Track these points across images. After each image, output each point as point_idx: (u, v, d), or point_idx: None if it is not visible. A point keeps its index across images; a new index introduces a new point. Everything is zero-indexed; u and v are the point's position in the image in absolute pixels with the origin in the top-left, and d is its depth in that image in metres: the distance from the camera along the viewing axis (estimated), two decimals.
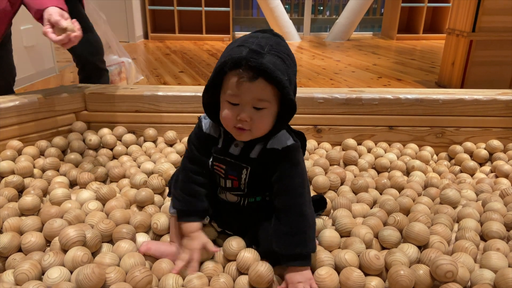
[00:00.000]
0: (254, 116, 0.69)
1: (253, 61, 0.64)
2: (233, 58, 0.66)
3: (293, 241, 0.74)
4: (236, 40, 0.71)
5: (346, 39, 5.03)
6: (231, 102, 0.70)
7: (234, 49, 0.68)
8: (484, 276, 0.78)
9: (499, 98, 1.39)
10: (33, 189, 1.05)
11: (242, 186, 0.81)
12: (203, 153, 0.82)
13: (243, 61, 0.65)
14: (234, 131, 0.73)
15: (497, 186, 1.14)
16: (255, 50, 0.66)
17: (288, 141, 0.76)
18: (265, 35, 0.70)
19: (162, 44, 4.57)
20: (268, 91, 0.68)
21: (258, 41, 0.68)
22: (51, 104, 1.33)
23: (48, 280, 0.76)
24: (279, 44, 0.70)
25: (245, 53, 0.66)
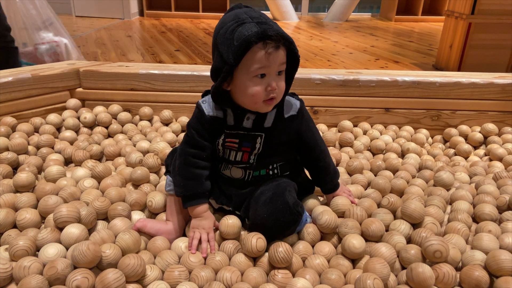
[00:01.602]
0: (277, 81, 0.74)
1: (271, 30, 0.69)
2: (256, 33, 0.68)
3: (329, 177, 0.91)
4: (226, 21, 0.73)
5: (344, 20, 4.98)
6: (260, 74, 0.72)
7: (239, 29, 0.70)
8: (475, 257, 0.79)
9: (496, 82, 1.39)
10: (28, 166, 1.04)
11: (252, 158, 0.83)
12: (206, 138, 0.82)
13: (267, 32, 0.69)
14: (262, 105, 0.75)
15: (490, 169, 1.15)
16: (261, 22, 0.70)
17: (296, 103, 0.84)
18: (245, 9, 0.75)
19: (158, 22, 4.50)
20: (284, 54, 0.74)
21: (250, 14, 0.72)
22: (45, 81, 1.32)
23: (44, 257, 0.76)
24: (262, 13, 0.76)
25: (260, 27, 0.69)
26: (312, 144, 0.87)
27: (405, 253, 0.79)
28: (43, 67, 1.38)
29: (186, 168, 0.82)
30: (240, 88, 0.75)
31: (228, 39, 0.71)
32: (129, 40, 3.51)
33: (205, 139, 0.82)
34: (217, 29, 0.75)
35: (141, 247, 0.84)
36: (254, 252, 0.78)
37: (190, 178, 0.82)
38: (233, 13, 0.74)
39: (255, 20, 0.71)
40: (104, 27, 4.04)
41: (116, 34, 3.72)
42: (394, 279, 0.77)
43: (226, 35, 0.71)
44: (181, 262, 0.79)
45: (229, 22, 0.72)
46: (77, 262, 0.73)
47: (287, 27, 4.51)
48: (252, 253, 0.78)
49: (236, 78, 0.74)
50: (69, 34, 2.50)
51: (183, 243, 0.84)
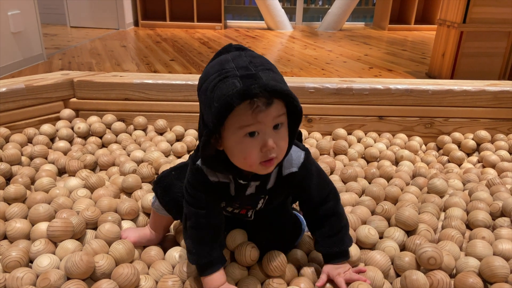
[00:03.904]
0: (275, 138, 0.61)
1: (257, 86, 0.57)
2: (238, 92, 0.56)
3: (331, 242, 0.75)
4: (209, 73, 0.61)
5: (338, 29, 5.02)
6: (250, 133, 0.60)
7: (221, 85, 0.58)
8: (469, 264, 0.79)
9: (487, 89, 1.40)
10: (21, 176, 1.04)
11: (251, 212, 0.77)
12: (213, 199, 0.72)
13: (251, 90, 0.57)
14: (260, 168, 0.63)
15: (483, 176, 1.16)
16: (246, 75, 0.58)
17: (299, 155, 0.72)
18: (233, 54, 0.62)
19: (153, 32, 4.52)
20: (281, 106, 0.61)
21: (237, 63, 0.60)
22: (38, 92, 1.31)
23: (38, 268, 0.76)
24: (255, 57, 0.62)
25: (243, 83, 0.57)
26: (312, 200, 0.75)
27: (399, 261, 0.79)
28: (37, 77, 1.38)
29: (200, 232, 0.72)
30: (231, 150, 0.63)
31: (208, 98, 0.59)
32: (124, 50, 3.51)
33: (213, 200, 0.73)
34: (200, 81, 0.63)
35: (135, 257, 0.83)
36: (247, 262, 0.77)
37: (206, 243, 0.72)
38: (218, 61, 0.62)
39: (240, 71, 0.58)
40: (99, 38, 4.05)
41: (111, 44, 3.72)
42: (389, 287, 0.77)
43: (207, 93, 0.60)
44: (175, 272, 0.79)
45: (212, 75, 0.60)
46: (71, 273, 0.72)
47: (281, 36, 4.55)
48: (245, 262, 0.78)
49: (224, 138, 0.63)
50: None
51: (177, 253, 0.83)
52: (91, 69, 2.82)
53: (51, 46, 3.48)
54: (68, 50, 3.42)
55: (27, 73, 2.59)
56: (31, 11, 2.76)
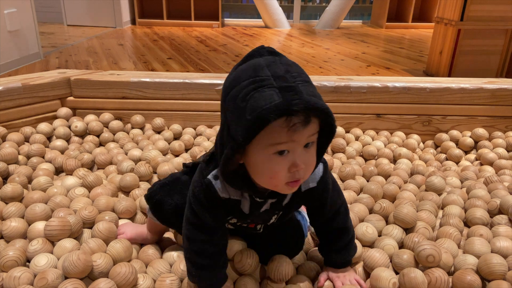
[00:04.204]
0: (305, 157, 0.57)
1: (299, 102, 0.51)
2: (276, 107, 0.50)
3: (337, 252, 0.75)
4: (240, 78, 0.54)
5: (335, 27, 5.02)
6: (280, 151, 0.55)
7: (256, 95, 0.51)
8: (467, 261, 0.79)
9: (485, 87, 1.41)
10: (18, 176, 1.03)
11: (260, 226, 0.74)
12: (218, 219, 0.68)
13: (292, 106, 0.50)
14: (284, 188, 0.58)
15: (481, 174, 1.16)
16: (286, 87, 0.52)
17: (319, 169, 0.68)
18: (267, 59, 0.55)
19: (150, 30, 4.51)
20: (317, 124, 0.56)
21: (274, 70, 0.53)
22: (35, 90, 1.31)
23: (35, 267, 0.75)
24: (291, 65, 0.55)
25: (283, 96, 0.51)
26: (326, 215, 0.73)
27: (397, 258, 0.79)
28: (34, 76, 1.37)
29: (198, 257, 0.68)
30: (255, 167, 0.57)
31: (239, 107, 0.52)
32: (121, 48, 3.50)
33: (218, 220, 0.68)
34: (228, 85, 0.56)
35: (133, 256, 0.83)
36: (248, 271, 0.77)
37: (205, 267, 0.68)
38: (251, 65, 0.55)
39: (278, 81, 0.52)
40: (96, 36, 4.04)
41: (108, 43, 3.71)
42: None
43: (237, 101, 0.53)
44: (173, 270, 0.79)
45: (244, 81, 0.53)
46: (68, 273, 0.72)
47: (279, 34, 4.54)
48: (246, 271, 0.77)
49: (249, 152, 0.56)
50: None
51: (175, 252, 0.83)
52: (88, 67, 2.82)
53: (47, 45, 3.47)
54: (65, 48, 3.41)
55: (23, 72, 2.58)
56: (28, 9, 2.75)
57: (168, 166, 1.10)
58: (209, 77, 1.42)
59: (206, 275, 0.69)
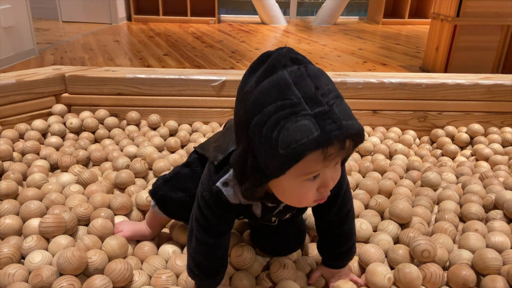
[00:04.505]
0: (333, 174, 0.54)
1: (339, 131, 0.47)
2: (315, 141, 0.46)
3: (339, 254, 0.74)
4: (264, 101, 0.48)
5: (332, 23, 5.01)
6: (313, 177, 0.52)
7: (289, 127, 0.46)
8: (462, 256, 0.80)
9: (481, 83, 1.41)
10: (13, 172, 1.03)
11: (274, 219, 0.73)
12: (228, 222, 0.68)
13: (332, 138, 0.46)
14: (310, 204, 0.57)
15: (477, 169, 1.17)
16: (321, 113, 0.46)
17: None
18: (292, 73, 0.48)
19: (146, 27, 4.49)
20: (350, 143, 0.51)
21: (301, 91, 0.47)
22: (30, 87, 1.30)
23: (30, 264, 0.75)
24: (318, 77, 0.49)
25: (321, 126, 0.46)
26: (335, 217, 0.71)
27: (393, 254, 0.79)
28: (28, 72, 1.36)
29: (208, 262, 0.67)
30: (283, 191, 0.55)
31: (268, 138, 0.47)
32: (116, 45, 3.49)
33: (226, 224, 0.67)
34: (250, 107, 0.49)
35: (128, 252, 0.83)
36: (247, 265, 0.78)
37: (212, 272, 0.69)
38: (275, 84, 0.48)
39: (311, 105, 0.47)
40: (92, 32, 4.02)
41: (104, 39, 3.69)
42: None
43: (265, 130, 0.48)
44: (168, 266, 0.79)
45: (270, 104, 0.47)
46: (63, 269, 0.72)
47: (275, 31, 4.53)
48: (244, 266, 0.78)
49: (278, 179, 0.52)
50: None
51: (170, 248, 0.83)
52: (84, 64, 2.80)
53: (43, 41, 3.44)
54: (60, 45, 3.39)
55: (18, 68, 2.57)
56: (22, 5, 2.72)
57: (164, 162, 1.10)
58: (205, 73, 1.41)
59: (209, 276, 0.69)
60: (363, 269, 0.80)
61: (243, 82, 0.53)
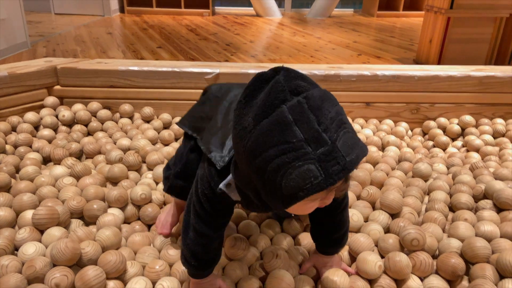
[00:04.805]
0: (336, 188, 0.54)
1: (342, 171, 0.46)
2: (319, 186, 0.46)
3: (332, 241, 0.75)
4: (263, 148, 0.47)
5: (327, 16, 5.00)
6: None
7: (293, 173, 0.46)
8: (451, 245, 0.81)
9: (472, 75, 1.42)
10: (5, 165, 1.03)
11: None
12: (227, 217, 0.69)
13: (335, 180, 0.46)
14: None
15: (467, 160, 1.18)
16: (325, 155, 0.46)
17: None
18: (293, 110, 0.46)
19: (139, 19, 4.45)
20: None
21: (303, 131, 0.46)
22: (22, 79, 1.29)
23: (23, 255, 0.75)
24: (320, 108, 0.47)
25: (324, 170, 0.46)
26: (334, 205, 0.69)
27: (383, 243, 0.80)
28: (20, 65, 1.35)
29: (205, 250, 0.68)
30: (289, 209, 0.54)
31: (271, 181, 0.48)
32: (109, 37, 3.46)
33: (228, 216, 0.69)
34: (250, 148, 0.48)
35: (122, 243, 0.83)
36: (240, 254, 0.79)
37: (208, 260, 0.70)
38: (275, 124, 0.46)
39: (314, 146, 0.45)
40: (84, 24, 3.98)
41: (96, 32, 3.66)
42: None
43: (268, 174, 0.47)
44: (161, 256, 0.79)
45: (271, 148, 0.46)
46: (56, 261, 0.72)
47: (270, 23, 4.51)
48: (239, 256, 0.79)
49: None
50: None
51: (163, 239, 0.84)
52: (76, 56, 2.78)
53: (35, 34, 3.41)
54: (52, 37, 3.36)
55: (11, 61, 2.55)
56: None
57: (158, 155, 1.10)
58: (198, 66, 1.41)
59: (205, 265, 0.70)
60: (353, 258, 0.81)
61: (239, 110, 0.51)
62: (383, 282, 0.74)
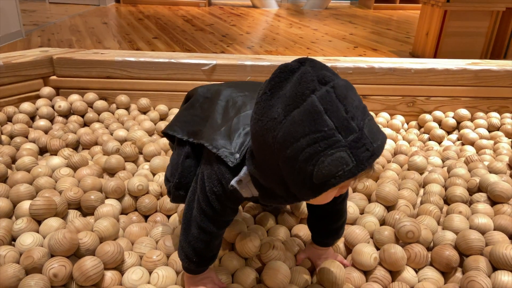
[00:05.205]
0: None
1: (371, 156, 0.48)
2: (351, 172, 0.47)
3: (329, 232, 0.76)
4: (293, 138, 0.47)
5: (324, 7, 4.98)
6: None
7: (325, 161, 0.46)
8: (446, 237, 0.82)
9: (468, 68, 1.42)
10: (1, 155, 1.02)
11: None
12: (233, 214, 0.69)
13: (365, 165, 0.47)
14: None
15: (462, 153, 1.19)
16: (355, 142, 0.47)
17: None
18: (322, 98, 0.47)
19: (135, 9, 4.41)
20: None
21: (334, 119, 0.46)
22: (17, 69, 1.28)
23: (21, 246, 0.76)
24: (346, 97, 0.48)
25: (355, 156, 0.47)
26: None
27: (378, 235, 0.81)
28: (15, 54, 1.34)
29: (207, 247, 0.68)
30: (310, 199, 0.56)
31: (303, 170, 0.48)
32: (105, 27, 3.43)
33: (235, 213, 0.69)
34: (280, 139, 0.49)
35: (119, 234, 0.84)
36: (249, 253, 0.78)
37: (208, 257, 0.70)
38: (306, 113, 0.47)
39: (345, 134, 0.46)
40: (79, 14, 3.94)
41: (92, 21, 3.63)
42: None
43: (299, 163, 0.48)
44: (158, 247, 0.80)
45: (303, 137, 0.47)
46: (54, 251, 0.72)
47: (266, 14, 4.49)
48: (247, 254, 0.79)
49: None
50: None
51: (161, 229, 0.84)
52: (71, 46, 2.76)
53: (29, 23, 3.37)
54: (47, 26, 3.33)
55: (5, 50, 2.52)
56: None
57: (154, 146, 1.10)
58: (195, 57, 1.40)
59: (206, 261, 0.70)
60: (349, 250, 0.82)
61: (265, 102, 0.50)
62: (378, 273, 0.75)
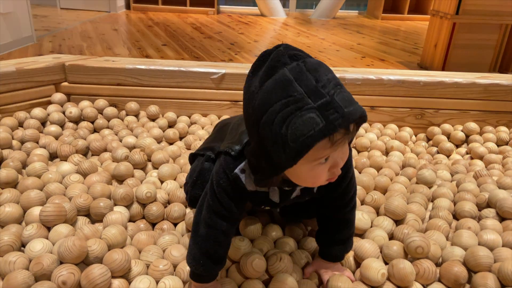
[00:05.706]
0: (343, 154, 0.58)
1: (342, 118, 0.50)
2: (321, 131, 0.50)
3: (334, 245, 0.76)
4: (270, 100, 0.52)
5: (331, 17, 5.00)
6: (324, 160, 0.56)
7: (296, 121, 0.50)
8: (454, 253, 0.81)
9: (478, 82, 1.42)
10: (12, 160, 1.03)
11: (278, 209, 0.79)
12: (241, 210, 0.70)
13: (336, 127, 0.50)
14: (324, 183, 0.61)
15: (471, 168, 1.18)
16: (323, 104, 0.50)
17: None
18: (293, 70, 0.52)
19: (145, 16, 4.46)
20: (354, 126, 0.56)
21: (303, 86, 0.51)
22: (30, 75, 1.30)
23: (30, 252, 0.76)
24: (316, 69, 0.52)
25: (324, 117, 0.50)
26: (337, 203, 0.73)
27: (387, 249, 0.81)
28: (28, 60, 1.36)
29: (215, 247, 0.68)
30: (297, 175, 0.60)
31: (278, 134, 0.52)
32: (115, 33, 3.47)
33: (240, 211, 0.69)
34: (257, 108, 0.54)
35: (126, 242, 0.84)
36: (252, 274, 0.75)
37: (215, 260, 0.69)
38: (278, 82, 0.52)
39: (314, 98, 0.50)
40: (90, 20, 3.99)
41: (102, 28, 3.67)
42: None
43: (274, 128, 0.52)
44: (165, 256, 0.80)
45: (275, 103, 0.51)
46: (63, 258, 0.73)
47: (274, 23, 4.52)
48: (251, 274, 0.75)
49: (292, 168, 0.56)
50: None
51: (168, 238, 0.84)
52: (82, 52, 2.79)
53: (41, 28, 3.42)
54: (58, 32, 3.37)
55: (16, 55, 2.55)
56: None
57: (163, 154, 1.10)
58: (204, 66, 1.42)
59: (211, 266, 0.69)
60: (358, 264, 0.81)
61: (248, 82, 0.57)
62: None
